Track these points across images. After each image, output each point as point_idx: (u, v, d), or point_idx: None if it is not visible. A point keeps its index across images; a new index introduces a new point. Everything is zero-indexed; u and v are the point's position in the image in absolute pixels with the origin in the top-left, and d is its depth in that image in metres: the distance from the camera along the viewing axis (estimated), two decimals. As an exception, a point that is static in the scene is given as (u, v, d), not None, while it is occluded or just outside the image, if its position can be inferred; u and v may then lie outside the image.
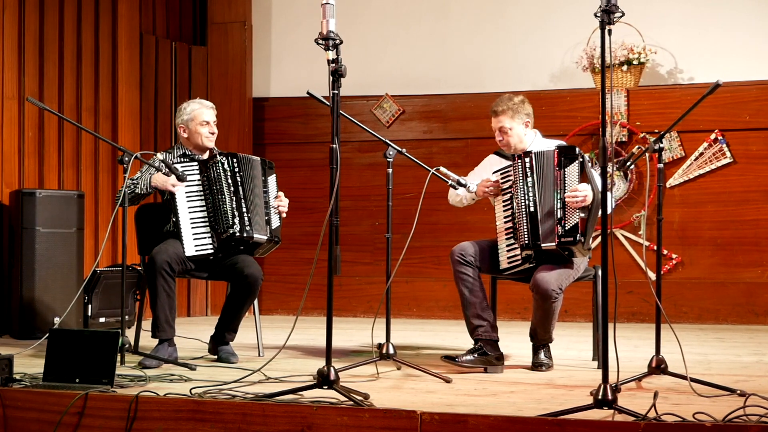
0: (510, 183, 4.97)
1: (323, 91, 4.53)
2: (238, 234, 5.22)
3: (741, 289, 7.59)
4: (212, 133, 5.42)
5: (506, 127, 5.05)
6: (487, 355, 4.84)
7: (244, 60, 8.55)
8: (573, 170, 4.80)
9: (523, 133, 5.08)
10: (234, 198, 5.25)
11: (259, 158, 5.45)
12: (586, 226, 4.78)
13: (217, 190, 5.25)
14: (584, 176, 4.80)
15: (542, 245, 4.81)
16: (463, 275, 4.93)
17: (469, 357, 4.81)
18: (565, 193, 4.79)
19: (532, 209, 4.85)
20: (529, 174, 4.87)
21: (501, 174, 5.04)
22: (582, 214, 4.75)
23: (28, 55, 7.01)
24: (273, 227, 5.41)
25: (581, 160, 4.80)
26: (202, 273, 5.38)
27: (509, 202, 4.97)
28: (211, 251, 5.24)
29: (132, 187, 5.25)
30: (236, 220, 5.22)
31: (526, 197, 4.86)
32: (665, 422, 3.23)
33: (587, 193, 4.73)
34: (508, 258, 4.94)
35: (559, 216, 4.79)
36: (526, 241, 4.84)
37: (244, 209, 5.25)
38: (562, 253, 4.85)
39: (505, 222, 4.98)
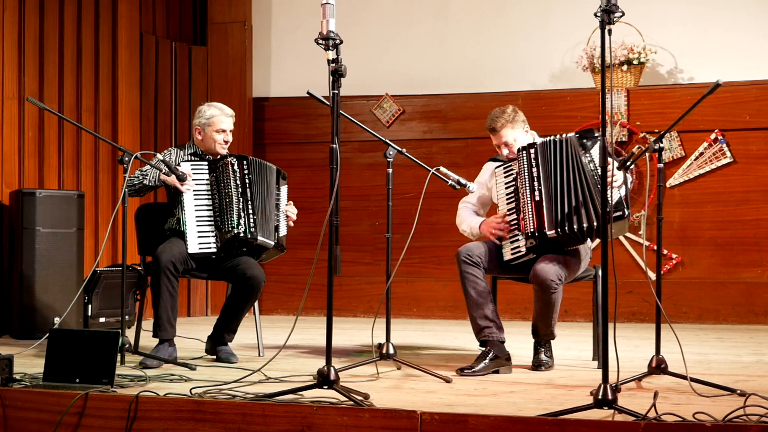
0: (513, 176, 4.97)
1: (323, 91, 4.53)
2: (242, 235, 5.22)
3: (741, 289, 7.59)
4: (226, 142, 5.42)
5: (510, 141, 5.05)
6: (497, 357, 4.83)
7: (244, 60, 8.55)
8: (596, 151, 4.78)
9: (524, 140, 5.08)
10: (241, 199, 5.26)
11: (274, 166, 5.46)
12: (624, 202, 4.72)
13: (224, 191, 5.26)
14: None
15: (547, 233, 4.80)
16: (470, 276, 4.90)
17: (482, 364, 4.78)
18: (589, 173, 4.76)
19: (537, 198, 4.84)
20: (534, 165, 4.86)
21: (504, 169, 5.03)
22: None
23: (28, 55, 7.01)
24: (281, 234, 5.43)
25: (602, 141, 4.79)
26: (203, 273, 5.38)
27: (513, 195, 4.97)
28: (214, 250, 5.25)
29: (141, 178, 5.26)
30: (241, 221, 5.23)
31: (531, 188, 4.85)
32: (665, 422, 3.23)
33: (620, 176, 4.67)
34: (512, 249, 4.94)
35: (589, 201, 4.75)
36: (532, 229, 4.83)
37: (251, 211, 5.26)
38: (565, 246, 4.83)
39: (509, 214, 4.98)
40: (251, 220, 5.26)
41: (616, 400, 3.44)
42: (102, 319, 6.72)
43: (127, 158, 4.97)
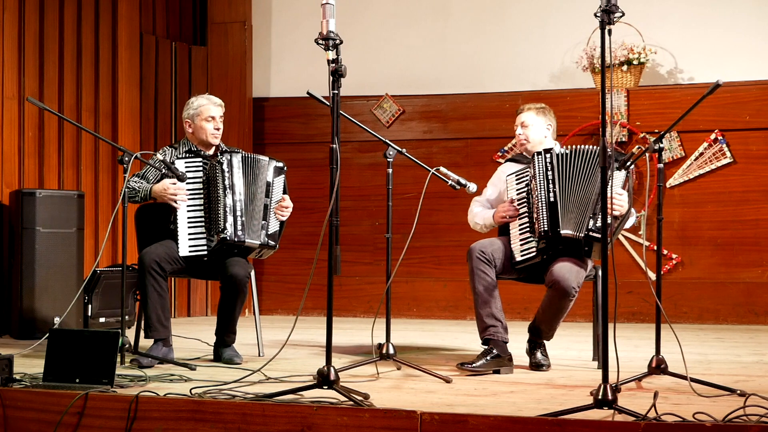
0: (527, 180, 4.96)
1: (323, 91, 4.53)
2: (229, 238, 5.13)
3: (741, 289, 7.59)
4: (217, 129, 5.34)
5: (527, 122, 5.07)
6: (499, 357, 4.82)
7: (244, 60, 8.55)
8: (619, 175, 4.79)
9: (543, 135, 5.09)
10: (230, 199, 5.16)
11: (267, 158, 5.36)
12: (613, 233, 4.75)
13: (214, 191, 5.18)
14: (624, 186, 4.83)
15: (561, 232, 4.78)
16: (481, 273, 4.87)
17: (482, 361, 4.77)
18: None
19: (552, 199, 4.83)
20: (549, 168, 4.86)
21: (516, 175, 5.03)
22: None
23: (28, 55, 7.01)
24: (270, 232, 5.30)
25: (627, 173, 4.84)
26: (193, 273, 5.35)
27: (525, 197, 4.95)
28: (205, 252, 5.19)
29: (132, 194, 5.23)
30: (228, 224, 5.13)
31: (546, 189, 4.84)
32: (665, 422, 3.23)
33: (625, 202, 4.74)
34: (522, 251, 4.92)
35: (594, 211, 4.78)
36: (545, 228, 4.81)
37: (239, 212, 5.16)
38: (583, 247, 4.83)
39: (522, 216, 4.96)
40: (239, 222, 5.15)
41: (616, 400, 3.44)
42: (102, 319, 6.72)
43: (127, 158, 4.96)
